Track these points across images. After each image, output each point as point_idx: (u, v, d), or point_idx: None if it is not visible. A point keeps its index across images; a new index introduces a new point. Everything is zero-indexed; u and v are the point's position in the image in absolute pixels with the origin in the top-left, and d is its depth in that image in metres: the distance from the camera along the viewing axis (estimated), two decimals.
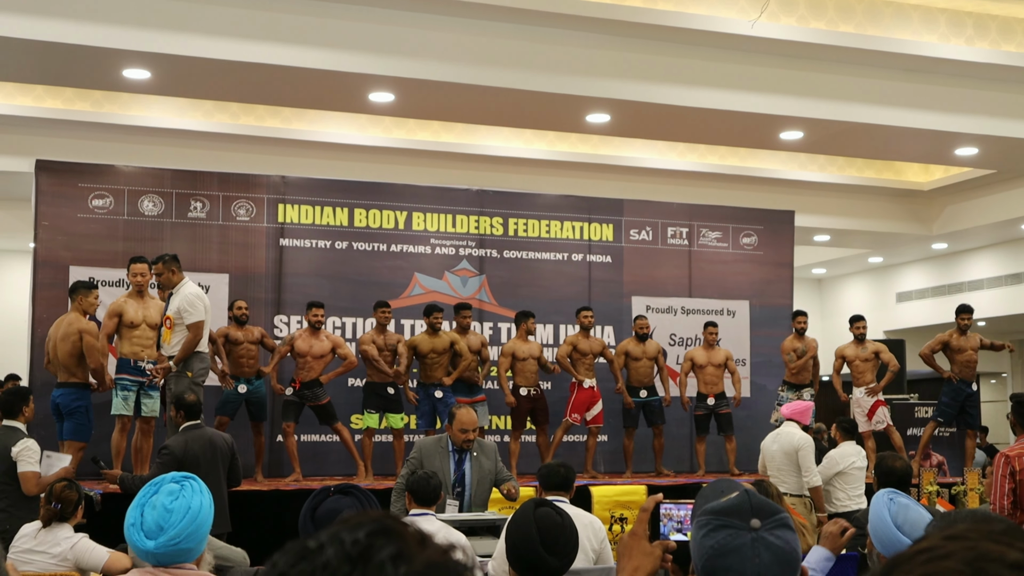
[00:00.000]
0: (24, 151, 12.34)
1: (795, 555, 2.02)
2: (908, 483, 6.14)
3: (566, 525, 3.82)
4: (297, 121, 13.09)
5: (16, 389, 9.09)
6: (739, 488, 2.50)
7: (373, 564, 1.06)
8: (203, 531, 3.23)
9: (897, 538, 3.96)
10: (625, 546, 2.44)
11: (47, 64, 9.72)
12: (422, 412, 11.43)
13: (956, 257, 18.58)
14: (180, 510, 3.15)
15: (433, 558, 1.09)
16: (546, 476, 6.47)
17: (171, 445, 7.93)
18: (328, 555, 1.07)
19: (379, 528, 1.10)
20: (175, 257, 9.75)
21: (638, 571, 2.38)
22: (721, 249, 14.29)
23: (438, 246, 13.14)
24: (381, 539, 1.08)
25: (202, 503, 3.23)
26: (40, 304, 11.63)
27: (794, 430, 9.51)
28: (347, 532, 1.09)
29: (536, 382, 11.85)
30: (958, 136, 11.92)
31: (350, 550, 1.07)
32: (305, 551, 1.09)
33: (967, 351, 12.42)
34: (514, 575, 3.85)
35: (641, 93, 10.62)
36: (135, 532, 3.14)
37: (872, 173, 15.66)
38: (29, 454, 8.03)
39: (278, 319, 12.46)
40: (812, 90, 11.04)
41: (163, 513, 3.14)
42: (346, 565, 1.06)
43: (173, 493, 3.20)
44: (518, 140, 13.93)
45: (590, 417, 12.00)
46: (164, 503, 3.16)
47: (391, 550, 1.07)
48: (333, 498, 3.69)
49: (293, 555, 1.10)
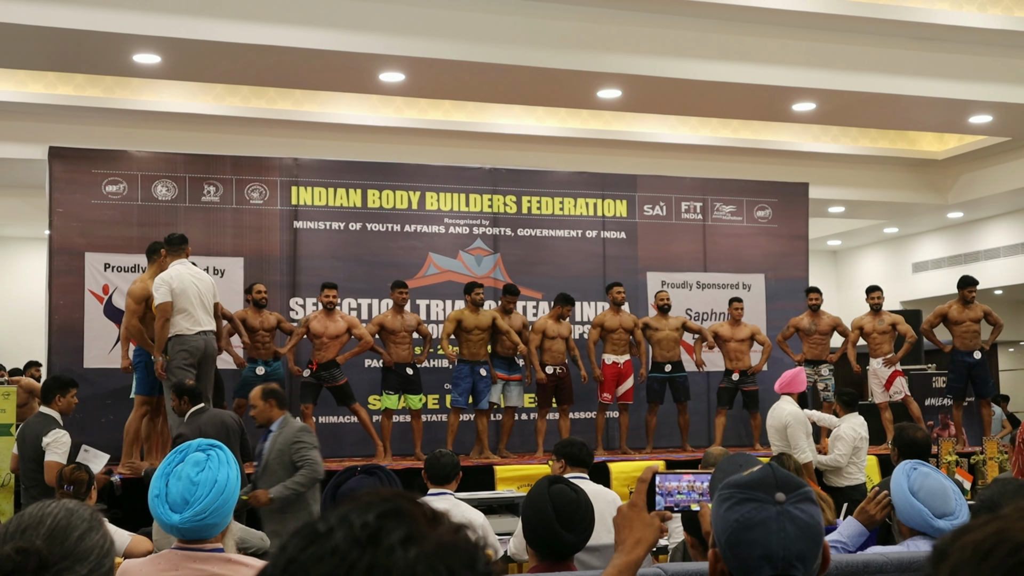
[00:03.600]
0: (37, 138, 12.35)
1: (819, 529, 2.01)
2: (928, 453, 6.13)
3: (581, 501, 3.81)
4: (308, 103, 13.07)
5: (58, 376, 9.12)
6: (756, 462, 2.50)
7: (382, 547, 1.04)
8: (229, 505, 3.16)
9: (913, 506, 3.97)
10: (624, 517, 2.43)
11: (57, 51, 9.72)
12: (462, 389, 11.43)
13: (972, 226, 18.49)
14: (207, 483, 3.09)
15: (444, 538, 1.08)
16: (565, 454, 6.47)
17: (185, 433, 7.95)
18: (337, 539, 1.06)
19: (390, 509, 1.09)
20: (169, 239, 9.73)
21: (640, 543, 2.38)
22: (735, 223, 14.25)
23: (452, 225, 13.13)
24: (391, 521, 1.07)
25: (229, 475, 3.15)
26: (56, 291, 11.66)
27: (784, 405, 9.48)
28: (357, 514, 1.08)
29: (562, 361, 11.85)
30: (972, 104, 11.84)
31: (359, 533, 1.06)
32: (315, 534, 1.08)
33: (966, 322, 12.39)
34: (532, 553, 3.85)
35: (652, 67, 10.57)
36: (159, 504, 3.08)
37: (886, 143, 15.58)
38: (57, 445, 8.09)
39: (293, 302, 12.47)
40: (824, 61, 10.97)
41: (189, 485, 3.07)
42: (355, 549, 1.04)
43: (199, 464, 3.12)
44: (530, 118, 13.89)
45: (620, 393, 12.02)
46: (190, 474, 3.09)
47: (401, 532, 1.06)
48: (357, 478, 3.71)
49: (302, 539, 1.08)
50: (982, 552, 1.04)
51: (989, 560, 1.03)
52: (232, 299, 11.66)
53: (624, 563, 2.34)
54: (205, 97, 12.72)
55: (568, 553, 3.77)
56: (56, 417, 8.37)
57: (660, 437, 12.49)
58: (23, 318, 15.87)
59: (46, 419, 8.34)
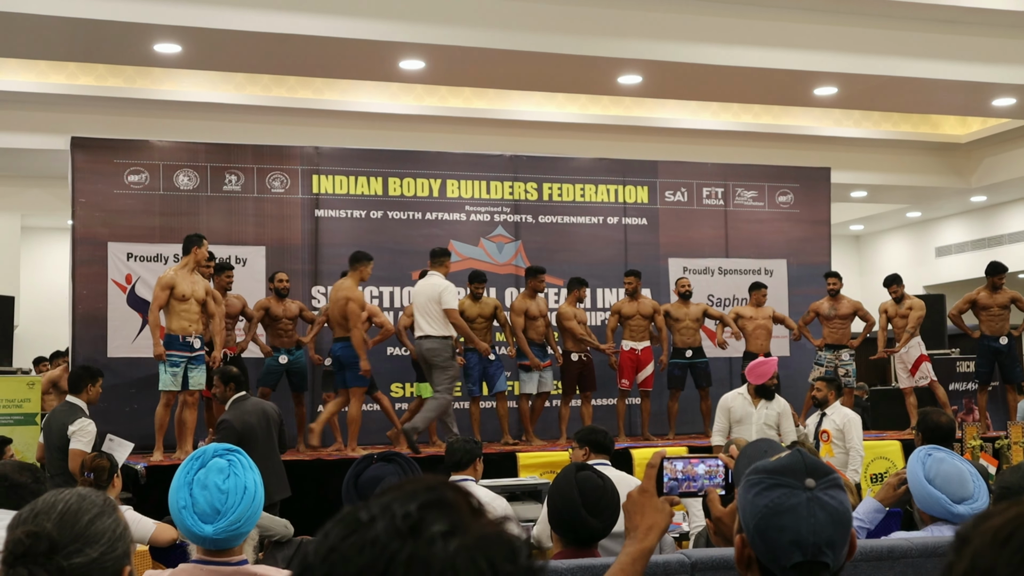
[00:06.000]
0: (59, 129, 12.39)
1: (848, 516, 2.01)
2: (952, 438, 6.11)
3: (607, 488, 3.84)
4: (328, 91, 13.08)
5: (87, 366, 9.17)
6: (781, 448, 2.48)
7: (423, 539, 1.04)
8: (259, 512, 3.06)
9: (931, 494, 3.95)
10: (635, 503, 2.42)
11: (79, 41, 9.75)
12: (473, 378, 11.41)
13: (995, 209, 18.38)
14: (236, 491, 2.98)
15: (486, 531, 1.07)
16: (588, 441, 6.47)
17: (229, 419, 8.05)
18: (378, 529, 1.05)
19: (433, 499, 1.08)
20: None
21: (653, 529, 2.37)
22: (757, 208, 14.20)
23: (473, 213, 13.12)
24: (433, 512, 1.06)
25: (256, 481, 3.05)
26: (80, 281, 11.71)
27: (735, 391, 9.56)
28: (399, 504, 1.07)
29: (585, 348, 11.83)
30: (995, 87, 11.77)
31: (400, 524, 1.05)
32: (356, 523, 1.07)
33: (993, 307, 12.33)
34: (557, 539, 3.86)
35: (673, 53, 10.53)
36: (188, 515, 2.96)
37: (908, 127, 15.49)
38: (82, 434, 8.15)
39: (315, 290, 12.49)
40: (846, 44, 10.91)
41: (218, 495, 2.96)
42: (396, 541, 1.04)
43: (223, 471, 3.00)
44: (550, 104, 13.87)
45: (640, 380, 12.00)
46: (216, 482, 2.98)
47: (442, 524, 1.05)
48: (376, 465, 3.69)
49: (344, 527, 1.08)
50: (1002, 538, 1.05)
51: (1009, 545, 1.04)
52: (254, 288, 11.70)
53: (638, 551, 2.34)
54: (226, 86, 12.74)
55: (593, 539, 3.78)
56: (83, 406, 8.42)
57: (682, 423, 12.47)
58: (47, 308, 15.95)
59: (72, 408, 8.39)
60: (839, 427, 9.21)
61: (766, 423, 9.20)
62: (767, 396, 9.31)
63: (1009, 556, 1.03)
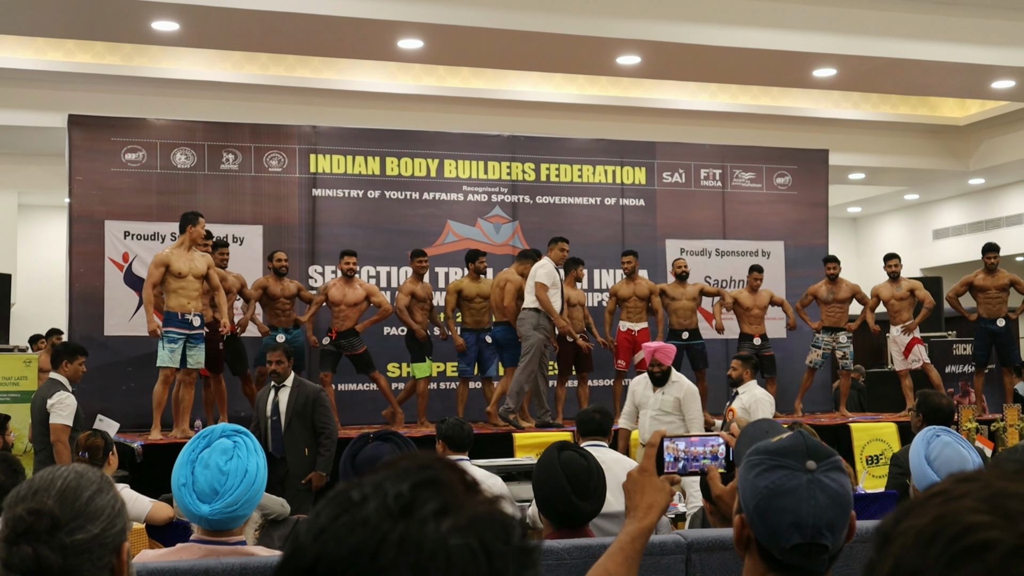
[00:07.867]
0: (56, 106, 12.34)
1: (849, 499, 2.00)
2: (952, 419, 6.11)
3: (593, 467, 3.78)
4: (327, 70, 13.04)
5: (67, 343, 9.19)
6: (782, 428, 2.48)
7: (415, 519, 1.02)
8: (259, 496, 3.05)
9: (926, 475, 3.95)
10: (635, 482, 2.41)
11: (76, 18, 9.71)
12: (468, 358, 11.40)
13: (993, 192, 18.37)
14: (236, 473, 2.97)
15: (479, 511, 1.05)
16: (583, 423, 6.48)
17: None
18: (369, 510, 1.04)
19: (426, 478, 1.06)
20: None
21: (652, 508, 2.37)
22: (755, 190, 14.19)
23: (470, 193, 13.11)
24: (426, 491, 1.05)
25: (258, 465, 3.04)
26: (76, 259, 11.70)
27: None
28: (392, 482, 1.06)
29: (581, 328, 11.81)
30: (994, 69, 11.75)
31: (392, 504, 1.03)
32: (348, 503, 1.06)
33: (991, 289, 12.33)
34: (546, 522, 3.81)
35: (671, 33, 10.51)
36: (187, 494, 2.97)
37: (907, 109, 15.47)
38: (61, 407, 8.16)
39: (312, 269, 12.48)
40: (845, 26, 10.88)
41: (217, 475, 2.96)
42: (387, 521, 1.02)
43: (227, 451, 3.00)
44: (548, 85, 13.83)
45: (637, 361, 11.98)
46: (218, 463, 2.97)
47: (435, 503, 1.04)
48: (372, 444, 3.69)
49: (336, 506, 1.06)
50: (926, 538, 0.97)
51: (933, 547, 0.96)
52: (251, 267, 11.69)
53: (637, 529, 2.34)
54: (224, 65, 12.70)
55: (585, 521, 3.75)
56: (64, 382, 8.41)
57: None
58: (44, 286, 15.92)
59: (53, 383, 8.41)
60: (745, 407, 9.05)
61: (661, 408, 8.94)
62: (655, 382, 9.04)
63: (935, 560, 0.95)
